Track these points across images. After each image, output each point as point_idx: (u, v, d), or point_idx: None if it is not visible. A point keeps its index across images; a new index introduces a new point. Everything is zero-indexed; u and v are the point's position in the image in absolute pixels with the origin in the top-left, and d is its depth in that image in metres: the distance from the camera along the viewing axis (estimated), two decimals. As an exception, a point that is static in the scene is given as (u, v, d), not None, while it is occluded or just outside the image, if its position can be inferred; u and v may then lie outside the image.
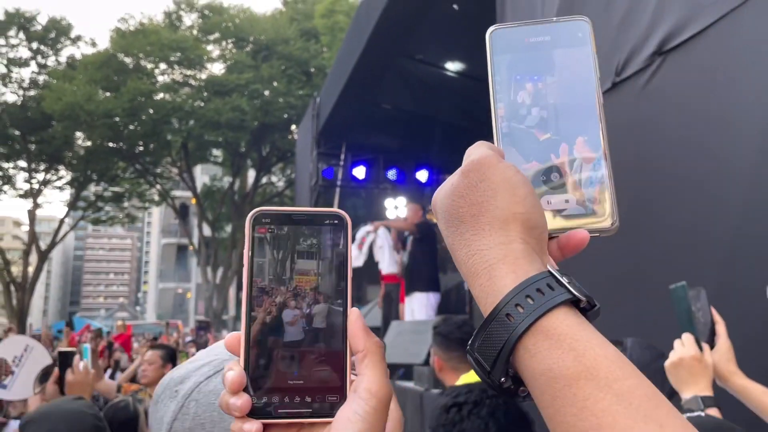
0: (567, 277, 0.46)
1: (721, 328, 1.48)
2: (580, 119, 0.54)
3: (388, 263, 7.62)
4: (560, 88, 0.55)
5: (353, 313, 0.50)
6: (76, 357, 2.37)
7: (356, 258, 7.74)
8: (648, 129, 2.38)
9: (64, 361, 2.36)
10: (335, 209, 0.53)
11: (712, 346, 1.46)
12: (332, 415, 0.48)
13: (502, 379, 0.46)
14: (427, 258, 6.95)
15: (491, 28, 0.56)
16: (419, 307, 6.71)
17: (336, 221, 0.52)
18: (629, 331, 2.00)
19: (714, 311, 1.49)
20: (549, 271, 0.46)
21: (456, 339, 2.67)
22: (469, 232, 0.48)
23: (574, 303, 0.45)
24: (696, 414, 1.30)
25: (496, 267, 0.46)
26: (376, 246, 7.56)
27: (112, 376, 6.08)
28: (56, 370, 2.41)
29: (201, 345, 4.75)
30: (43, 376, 2.91)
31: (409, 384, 5.01)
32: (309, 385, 0.50)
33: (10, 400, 3.41)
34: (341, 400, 0.49)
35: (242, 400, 0.48)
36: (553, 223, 0.53)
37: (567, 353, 0.42)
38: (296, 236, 0.51)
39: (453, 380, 2.64)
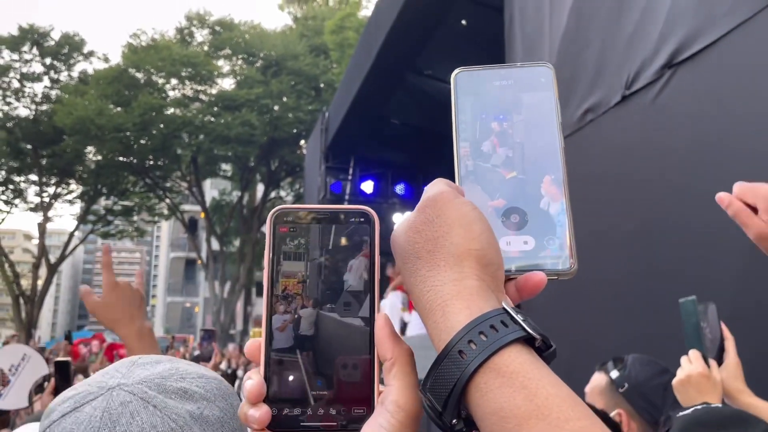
0: (522, 314, 0.45)
1: (730, 344, 1.45)
2: (545, 159, 0.55)
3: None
4: (525, 129, 0.56)
5: (380, 318, 0.48)
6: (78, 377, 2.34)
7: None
8: (658, 142, 2.36)
9: (61, 371, 2.33)
10: (362, 206, 0.50)
11: (720, 362, 1.43)
12: (359, 429, 0.46)
13: (454, 421, 0.44)
14: None
15: (456, 71, 0.58)
16: (420, 323, 6.66)
17: (362, 219, 0.50)
18: (641, 344, 1.97)
19: (724, 327, 1.46)
20: (503, 308, 0.45)
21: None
22: (425, 268, 0.47)
23: (528, 341, 0.44)
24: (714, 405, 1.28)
25: (450, 303, 0.45)
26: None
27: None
28: (52, 380, 2.38)
29: (205, 356, 4.70)
30: (38, 387, 2.89)
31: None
32: (334, 395, 0.47)
33: (9, 410, 3.40)
34: (368, 412, 0.46)
35: (261, 412, 0.46)
36: (511, 263, 0.52)
37: (518, 392, 0.41)
38: (320, 235, 0.48)
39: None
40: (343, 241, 0.49)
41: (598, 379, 1.70)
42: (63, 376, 2.30)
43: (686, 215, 2.24)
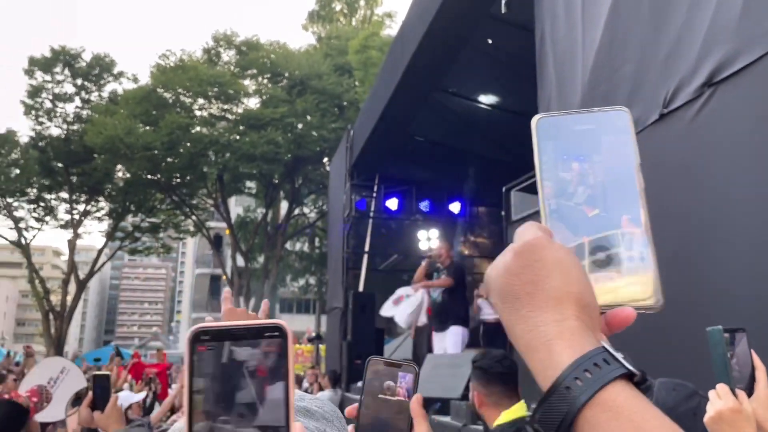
0: (621, 353, 0.49)
1: (761, 374, 1.40)
2: (624, 199, 0.57)
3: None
4: (604, 169, 0.58)
5: (296, 427, 0.49)
6: (114, 396, 2.35)
7: (388, 310, 7.66)
8: (697, 161, 2.33)
9: (99, 384, 2.33)
10: (275, 321, 0.51)
11: (750, 393, 1.39)
12: None
13: None
14: (460, 294, 6.94)
15: (537, 117, 0.60)
16: (454, 341, 6.65)
17: (276, 333, 0.50)
18: (673, 369, 1.93)
19: (755, 356, 1.42)
20: (603, 347, 0.49)
21: (496, 373, 2.61)
22: (525, 309, 0.51)
23: (628, 377, 0.48)
24: None
25: (554, 342, 0.49)
26: (419, 306, 7.42)
27: (151, 406, 6.07)
28: (90, 393, 2.38)
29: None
30: (77, 399, 2.91)
31: (446, 419, 4.91)
32: None
33: (48, 423, 3.43)
34: None
35: None
36: (600, 299, 0.55)
37: (626, 424, 0.45)
38: (236, 353, 0.49)
39: (494, 416, 2.57)
40: (259, 356, 0.49)
41: None
42: (102, 390, 2.31)
43: (724, 235, 2.20)
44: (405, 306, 7.37)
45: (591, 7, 3.22)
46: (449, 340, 6.70)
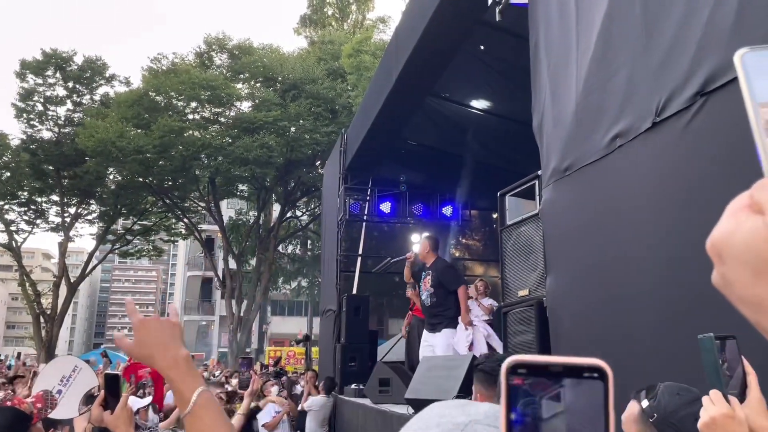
0: None
1: (752, 379, 1.44)
2: None
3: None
4: None
5: None
6: (124, 396, 2.37)
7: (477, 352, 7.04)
8: (690, 169, 2.38)
9: (110, 384, 2.35)
10: (596, 361, 0.46)
11: (742, 399, 1.43)
12: None
13: None
14: (451, 298, 6.77)
15: (742, 51, 0.51)
16: (445, 344, 6.60)
17: (596, 374, 0.46)
18: (679, 372, 1.98)
19: (746, 362, 1.46)
20: None
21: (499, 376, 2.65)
22: None
23: None
24: None
25: None
26: (478, 339, 6.71)
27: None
28: (102, 392, 2.40)
29: (243, 382, 4.70)
30: (88, 398, 2.93)
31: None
32: None
33: (58, 420, 3.44)
34: None
35: None
36: None
37: None
38: (552, 389, 0.46)
39: (495, 418, 2.61)
40: (576, 397, 0.46)
41: (631, 408, 1.71)
42: (112, 389, 2.33)
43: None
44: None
45: (585, 14, 3.28)
46: (439, 342, 6.67)
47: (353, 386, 8.25)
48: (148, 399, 5.53)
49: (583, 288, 3.15)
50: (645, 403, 1.68)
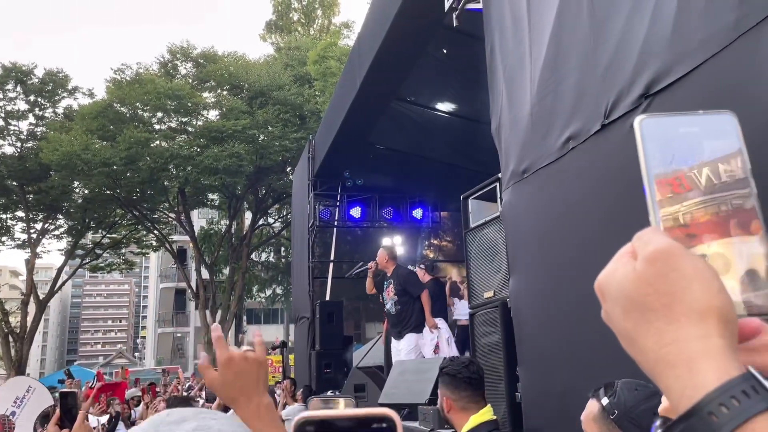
0: None
1: None
2: (735, 206, 0.54)
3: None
4: (712, 174, 0.55)
5: None
6: (81, 413, 2.34)
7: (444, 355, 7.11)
8: (637, 171, 2.44)
9: (66, 402, 2.32)
10: (384, 411, 0.49)
11: None
12: None
13: None
14: (410, 301, 6.78)
15: (641, 117, 0.57)
16: (408, 349, 6.66)
17: (384, 425, 0.48)
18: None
19: None
20: (752, 374, 0.46)
21: (464, 378, 2.68)
22: (660, 321, 0.48)
23: None
24: None
25: (697, 360, 0.46)
26: (444, 341, 6.85)
27: (113, 428, 5.98)
28: (57, 411, 2.37)
29: (211, 395, 4.66)
30: (44, 418, 2.88)
31: (414, 424, 4.97)
32: None
33: None
34: None
35: None
36: None
37: None
38: None
39: (463, 420, 2.64)
40: None
41: (591, 407, 1.73)
42: (67, 408, 2.30)
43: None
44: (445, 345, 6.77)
45: (537, 19, 3.34)
46: (403, 347, 6.74)
47: (329, 393, 8.24)
48: (105, 417, 5.46)
49: (544, 289, 3.20)
50: (605, 401, 1.71)
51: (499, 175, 3.83)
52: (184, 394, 10.96)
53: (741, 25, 1.98)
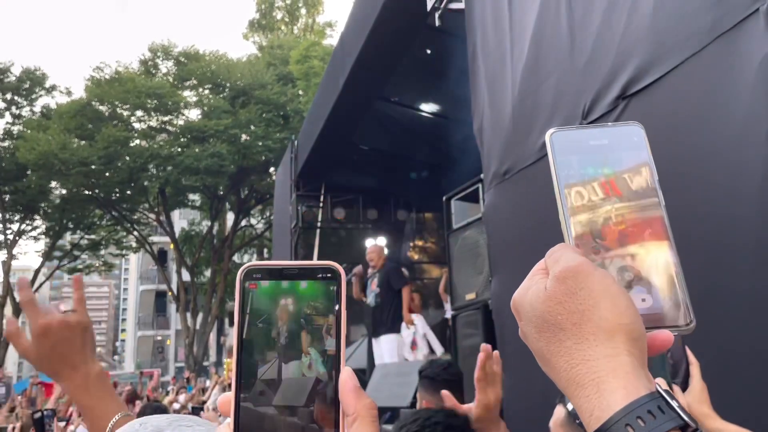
0: (675, 400, 0.46)
1: (695, 369, 1.49)
2: (644, 214, 0.55)
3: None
4: (622, 186, 0.56)
5: (345, 372, 0.48)
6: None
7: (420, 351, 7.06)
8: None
9: (39, 426, 2.27)
10: (329, 262, 0.51)
11: (685, 387, 1.47)
12: None
13: None
14: (391, 300, 6.78)
15: (552, 131, 0.58)
16: (389, 350, 6.64)
17: (329, 274, 0.50)
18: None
19: (689, 352, 1.50)
20: (659, 392, 0.46)
21: (443, 381, 2.67)
22: (571, 341, 0.48)
23: (681, 428, 0.45)
24: None
25: (605, 380, 0.46)
26: (420, 337, 6.85)
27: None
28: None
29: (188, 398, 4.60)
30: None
31: (396, 428, 4.94)
32: None
33: None
34: None
35: None
36: None
37: None
38: (287, 291, 0.49)
39: (441, 424, 2.62)
40: (311, 296, 0.50)
41: (557, 413, 1.72)
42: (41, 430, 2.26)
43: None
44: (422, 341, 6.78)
45: (518, 20, 3.33)
46: (384, 349, 6.72)
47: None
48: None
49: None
50: (570, 407, 1.70)
51: (482, 176, 3.82)
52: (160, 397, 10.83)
53: (717, 26, 1.99)
